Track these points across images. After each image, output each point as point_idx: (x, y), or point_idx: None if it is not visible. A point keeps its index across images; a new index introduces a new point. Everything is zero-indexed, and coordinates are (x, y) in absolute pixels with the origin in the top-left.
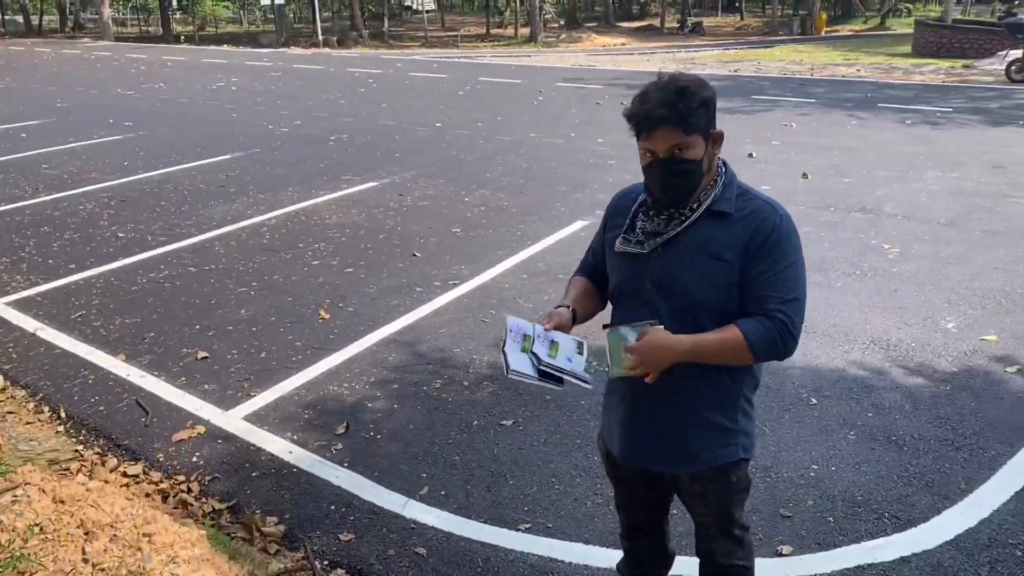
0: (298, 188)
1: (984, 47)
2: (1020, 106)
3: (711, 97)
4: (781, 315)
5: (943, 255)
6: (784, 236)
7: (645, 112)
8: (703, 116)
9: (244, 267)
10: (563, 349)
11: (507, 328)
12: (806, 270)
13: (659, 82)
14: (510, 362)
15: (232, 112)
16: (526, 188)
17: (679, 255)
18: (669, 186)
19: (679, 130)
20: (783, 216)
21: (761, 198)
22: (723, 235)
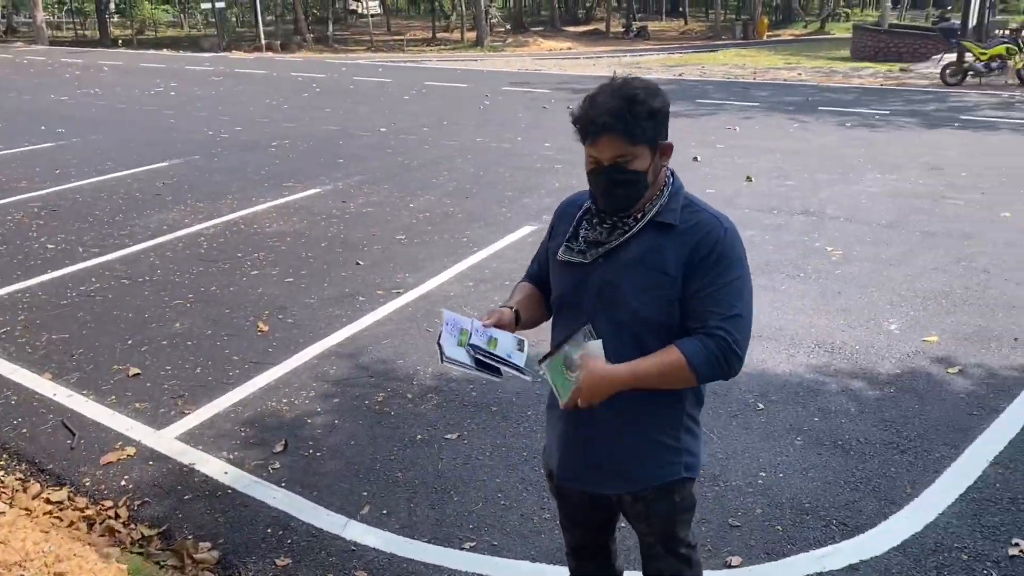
0: (237, 196)
1: (920, 51)
2: (954, 108)
3: (661, 108)
4: (723, 333)
5: (884, 256)
6: (728, 250)
7: (590, 118)
8: (651, 127)
9: (180, 279)
10: (502, 345)
11: (443, 321)
12: (751, 276)
13: (610, 86)
14: (445, 351)
15: (171, 118)
16: (472, 193)
17: (621, 267)
18: (611, 195)
19: (624, 140)
20: (728, 229)
21: (707, 210)
22: (667, 248)
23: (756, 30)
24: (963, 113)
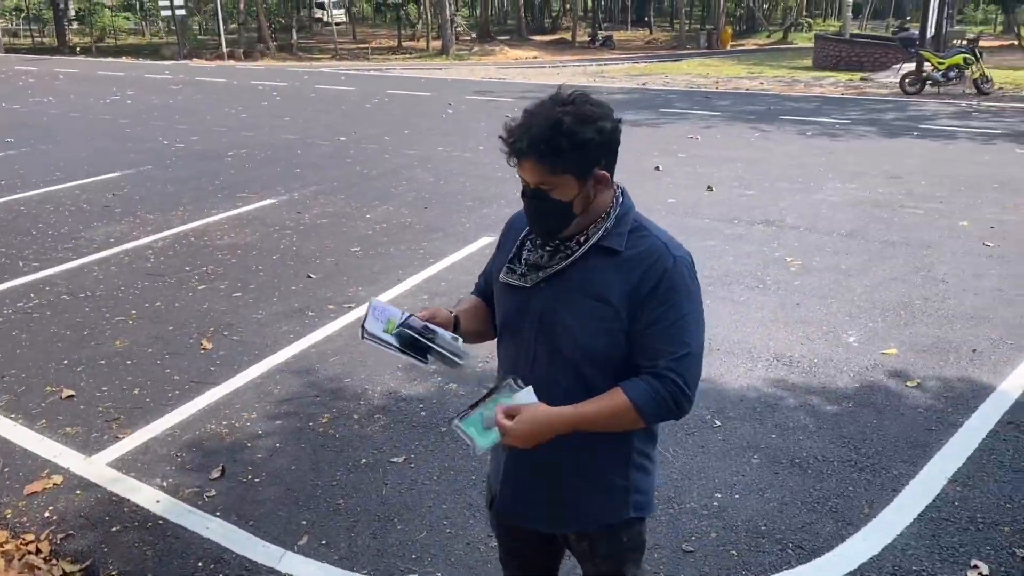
0: (190, 207)
1: (880, 60)
2: (913, 117)
3: (592, 138)
4: (672, 374)
5: (844, 267)
6: (677, 281)
7: (513, 139)
8: (576, 157)
9: (124, 294)
10: (437, 334)
11: (371, 307)
12: (703, 303)
13: (548, 104)
14: (366, 326)
15: (126, 127)
16: (431, 203)
17: (563, 294)
18: (536, 220)
19: (543, 167)
20: (678, 259)
21: (657, 236)
22: (611, 275)
23: (720, 40)
24: (922, 122)
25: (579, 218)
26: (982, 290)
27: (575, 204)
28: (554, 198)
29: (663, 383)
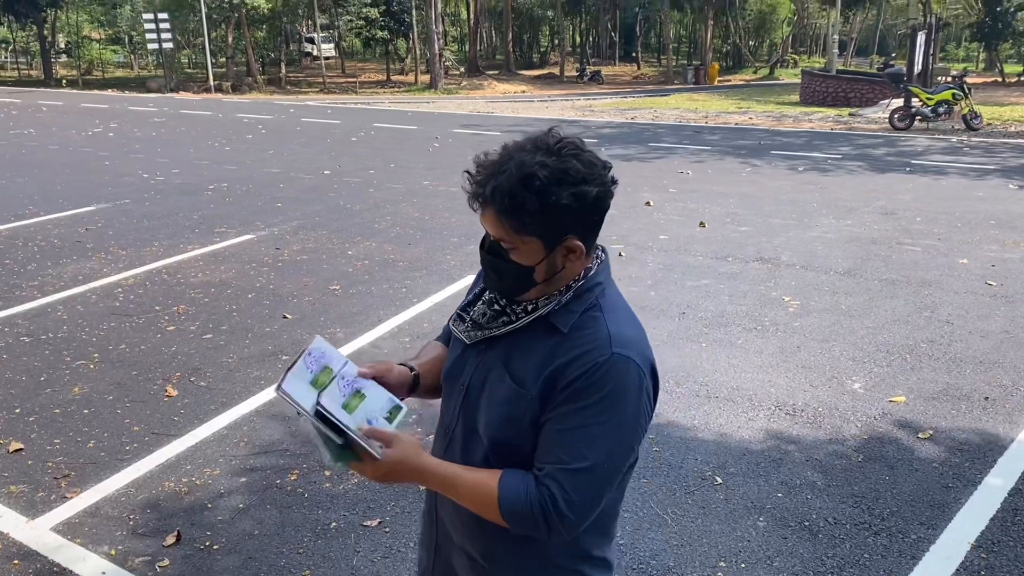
0: (165, 242)
1: (867, 96)
2: (904, 153)
3: (568, 205)
4: (553, 486)
5: (844, 307)
6: (604, 382)
7: (477, 181)
8: (543, 222)
9: (87, 335)
10: (367, 406)
11: (307, 350)
12: (632, 420)
13: (522, 147)
14: (286, 380)
15: (105, 160)
16: (416, 240)
17: (492, 364)
18: (488, 276)
19: (505, 224)
20: (615, 356)
21: (608, 323)
22: (540, 356)
23: (707, 75)
24: (913, 158)
25: (542, 286)
26: (989, 332)
27: (538, 271)
28: (513, 259)
29: (539, 491)
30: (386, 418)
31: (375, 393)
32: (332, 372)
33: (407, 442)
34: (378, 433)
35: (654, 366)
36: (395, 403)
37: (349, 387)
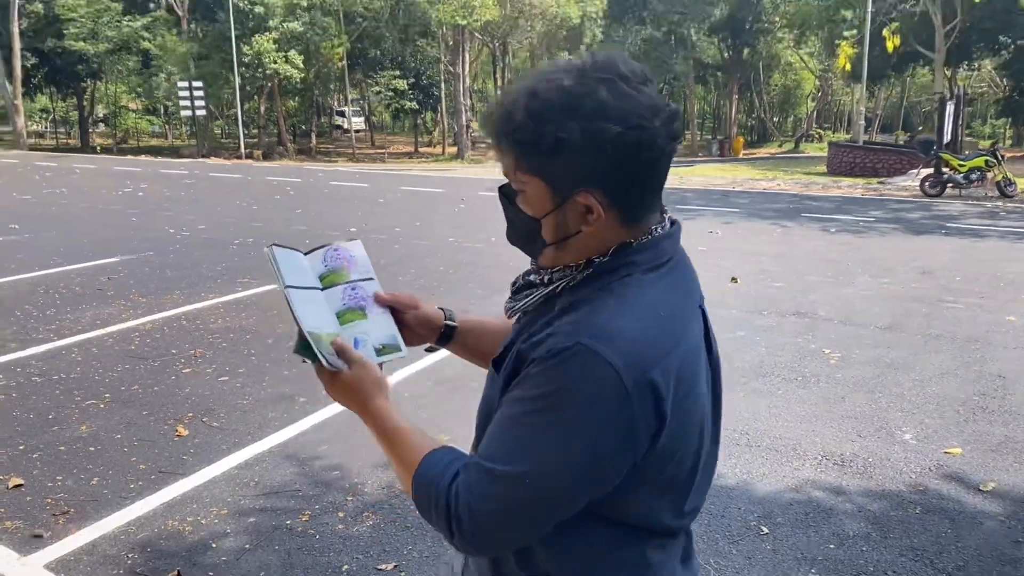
0: (186, 291)
1: (895, 167)
2: (939, 216)
3: (568, 139)
4: (463, 480)
5: (887, 360)
6: (551, 376)
7: (483, 114)
8: (549, 159)
9: (100, 376)
10: (362, 327)
11: (335, 245)
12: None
13: (555, 64)
14: (280, 251)
15: (133, 216)
16: (439, 291)
17: (507, 344)
18: (507, 226)
19: (505, 154)
20: (580, 350)
21: (603, 309)
22: (527, 337)
23: (732, 148)
24: (948, 221)
25: (554, 250)
26: None
27: (545, 227)
28: (518, 204)
29: (454, 482)
30: (376, 348)
31: (381, 321)
32: (347, 277)
33: (370, 374)
34: (346, 351)
35: (655, 384)
36: (395, 342)
37: (355, 300)
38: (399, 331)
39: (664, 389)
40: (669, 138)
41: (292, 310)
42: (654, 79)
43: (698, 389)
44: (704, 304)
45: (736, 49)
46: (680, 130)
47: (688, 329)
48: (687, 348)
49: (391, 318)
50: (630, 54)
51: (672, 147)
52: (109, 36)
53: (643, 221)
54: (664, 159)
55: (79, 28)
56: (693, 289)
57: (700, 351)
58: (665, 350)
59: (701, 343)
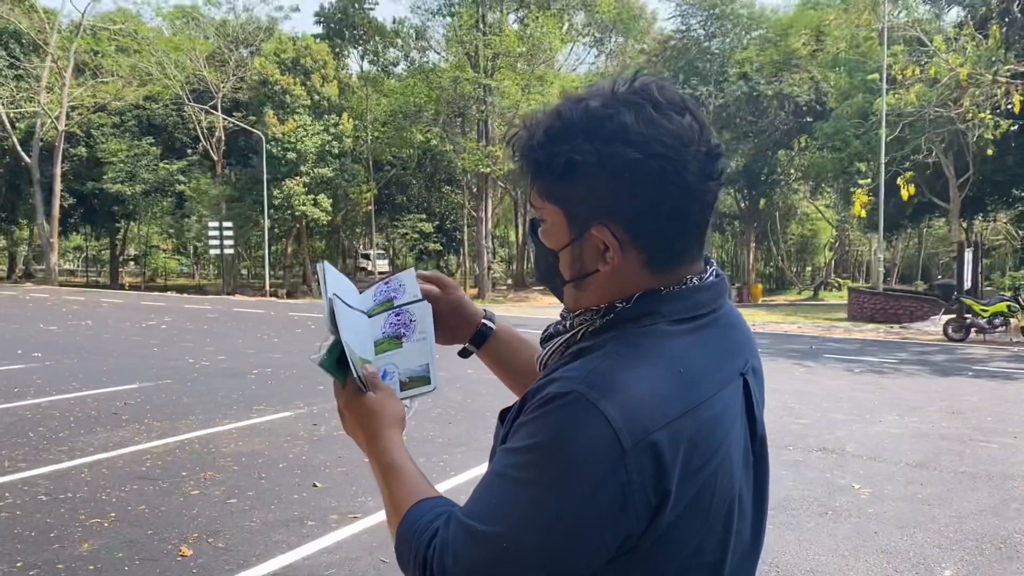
0: (201, 416)
1: (916, 313)
2: (965, 359)
3: (583, 163)
4: (444, 535)
5: (921, 496)
6: (540, 424)
7: (507, 133)
8: (563, 183)
9: (107, 496)
10: (394, 357)
11: (396, 276)
12: (579, 499)
13: (591, 87)
14: (331, 270)
15: (154, 347)
16: (457, 420)
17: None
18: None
19: (526, 177)
20: (575, 399)
21: (607, 358)
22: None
23: (750, 294)
24: (974, 364)
25: (574, 289)
26: None
27: (562, 262)
28: (541, 235)
29: (434, 537)
30: (403, 380)
31: (415, 351)
32: (392, 305)
33: (392, 405)
34: (375, 380)
35: (658, 448)
36: (425, 373)
37: (394, 328)
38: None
39: (670, 457)
40: (703, 177)
41: (333, 318)
42: (698, 110)
43: (724, 466)
44: (752, 372)
45: (752, 199)
46: (722, 171)
47: (716, 393)
48: (710, 414)
49: (431, 346)
50: None
51: (708, 188)
52: (146, 179)
53: (675, 269)
54: (694, 199)
55: (118, 171)
56: (736, 352)
57: (732, 422)
58: (676, 411)
59: (736, 413)
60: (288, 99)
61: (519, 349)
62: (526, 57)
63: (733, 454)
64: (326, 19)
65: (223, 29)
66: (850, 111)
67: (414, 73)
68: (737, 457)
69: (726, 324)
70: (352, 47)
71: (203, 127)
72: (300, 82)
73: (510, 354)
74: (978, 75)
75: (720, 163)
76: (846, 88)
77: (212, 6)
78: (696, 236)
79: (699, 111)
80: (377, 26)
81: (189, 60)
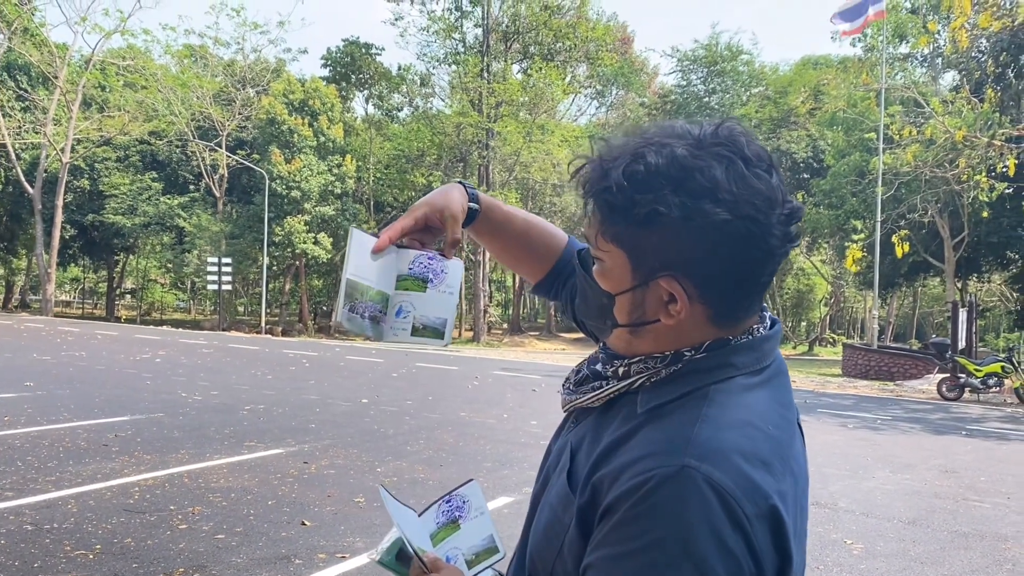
0: (192, 451)
1: (910, 371)
2: (959, 418)
3: (663, 215)
4: None
5: (913, 553)
6: (649, 518)
7: (574, 164)
8: (637, 232)
9: (94, 528)
10: (455, 541)
11: (457, 492)
12: None
13: (671, 129)
14: (397, 506)
15: (147, 380)
16: (448, 463)
17: (569, 444)
18: (579, 296)
19: (593, 217)
20: (690, 474)
21: (703, 420)
22: (604, 447)
23: None
24: (968, 423)
25: (628, 335)
26: None
27: (619, 306)
28: (596, 273)
29: None
30: (468, 560)
31: (474, 528)
32: (458, 528)
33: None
34: (432, 560)
35: (777, 513)
36: (491, 544)
37: (446, 515)
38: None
39: (787, 519)
40: (784, 239)
41: (404, 539)
42: (779, 167)
43: (804, 522)
44: (800, 419)
45: None
46: (799, 234)
47: (793, 447)
48: (797, 471)
49: (487, 518)
50: None
51: (785, 250)
52: (147, 212)
53: (740, 323)
54: (773, 261)
55: (119, 203)
56: (792, 401)
57: (805, 473)
58: (779, 471)
59: (804, 464)
60: (295, 139)
61: (505, 225)
62: (528, 106)
63: (807, 508)
64: (333, 62)
65: (231, 68)
66: (847, 169)
67: (418, 118)
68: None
69: (783, 372)
70: (357, 90)
71: (206, 164)
72: (307, 123)
73: (493, 231)
74: (974, 137)
75: (797, 225)
76: (843, 146)
77: (221, 46)
78: (763, 293)
79: (779, 168)
80: (383, 71)
81: (196, 98)
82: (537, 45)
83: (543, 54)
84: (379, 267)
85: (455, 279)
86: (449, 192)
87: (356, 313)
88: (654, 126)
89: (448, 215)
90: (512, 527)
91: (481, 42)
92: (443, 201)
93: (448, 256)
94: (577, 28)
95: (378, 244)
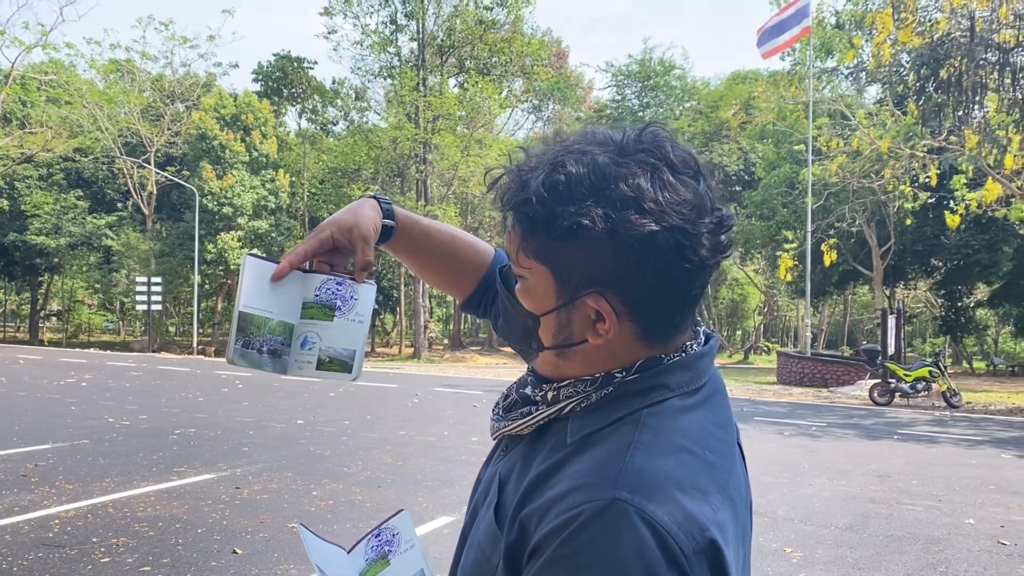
0: (117, 479)
1: (843, 378)
2: (891, 423)
3: (594, 231)
4: None
5: (851, 559)
6: (585, 553)
7: (491, 175)
8: (559, 247)
9: (8, 565)
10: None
11: (386, 526)
12: None
13: (593, 135)
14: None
15: (72, 405)
16: (386, 483)
17: (498, 474)
18: (501, 317)
19: (512, 232)
20: (615, 510)
21: (637, 447)
22: (532, 479)
23: None
24: (900, 428)
25: (554, 357)
26: None
27: (543, 327)
28: (518, 294)
29: None
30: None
31: (404, 562)
32: (388, 563)
33: None
34: None
35: (716, 547)
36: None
37: (375, 551)
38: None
39: (726, 552)
40: (714, 250)
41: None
42: (708, 173)
43: (748, 551)
44: (740, 439)
45: None
46: (730, 244)
47: (733, 473)
48: (736, 498)
49: (418, 551)
50: None
51: (716, 261)
52: (73, 232)
53: (671, 340)
54: (704, 273)
55: (43, 223)
56: (731, 421)
57: (748, 501)
58: (717, 500)
59: (744, 487)
60: (227, 154)
61: (425, 242)
62: (465, 120)
63: (750, 536)
64: (264, 76)
65: (159, 83)
66: (777, 180)
67: (354, 132)
68: (751, 538)
69: (720, 390)
70: (290, 104)
71: (134, 181)
72: (240, 138)
73: (412, 248)
74: (897, 148)
75: (727, 235)
76: (773, 158)
77: (148, 60)
78: (694, 307)
79: (709, 173)
80: (316, 85)
81: (123, 113)
82: (473, 59)
83: (479, 68)
84: (281, 295)
85: (366, 306)
86: (359, 209)
87: (252, 348)
88: (574, 133)
89: (357, 235)
90: (452, 549)
91: (417, 56)
92: (352, 220)
93: (359, 280)
94: (512, 43)
95: (277, 272)
